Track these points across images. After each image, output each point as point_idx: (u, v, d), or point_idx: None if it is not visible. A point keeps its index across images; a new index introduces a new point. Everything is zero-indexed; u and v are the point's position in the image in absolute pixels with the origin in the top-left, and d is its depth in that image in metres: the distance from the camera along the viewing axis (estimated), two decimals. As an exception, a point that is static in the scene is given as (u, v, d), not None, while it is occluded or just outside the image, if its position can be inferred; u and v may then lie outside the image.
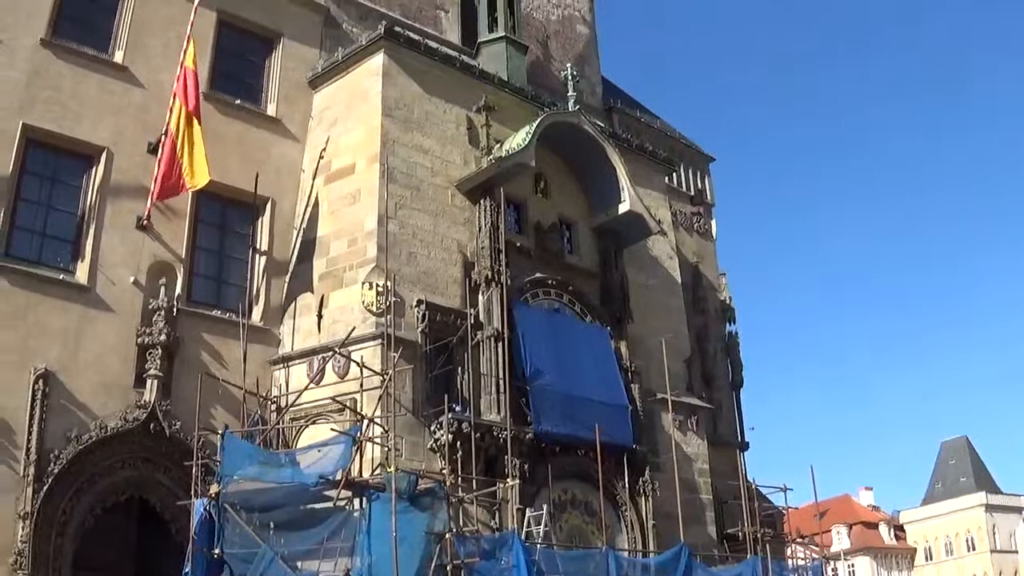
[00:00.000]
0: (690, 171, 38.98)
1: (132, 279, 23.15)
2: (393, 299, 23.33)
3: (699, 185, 39.18)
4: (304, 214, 26.09)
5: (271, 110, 27.27)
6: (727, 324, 36.65)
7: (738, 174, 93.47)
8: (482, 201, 25.97)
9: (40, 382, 20.93)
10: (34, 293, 21.80)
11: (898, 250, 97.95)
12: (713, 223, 38.72)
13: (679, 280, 32.45)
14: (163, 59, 25.30)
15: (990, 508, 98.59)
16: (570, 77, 29.75)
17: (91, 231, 23.18)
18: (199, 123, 23.31)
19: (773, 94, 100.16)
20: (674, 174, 36.31)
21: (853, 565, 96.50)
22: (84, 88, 24.13)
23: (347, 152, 26.00)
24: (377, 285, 23.57)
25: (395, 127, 25.81)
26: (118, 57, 25.12)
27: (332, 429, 20.18)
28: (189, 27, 24.67)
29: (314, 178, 26.37)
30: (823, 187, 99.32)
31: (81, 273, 22.78)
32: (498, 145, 26.84)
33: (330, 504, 18.40)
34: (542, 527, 22.65)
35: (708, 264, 36.98)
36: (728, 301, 37.13)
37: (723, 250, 38.44)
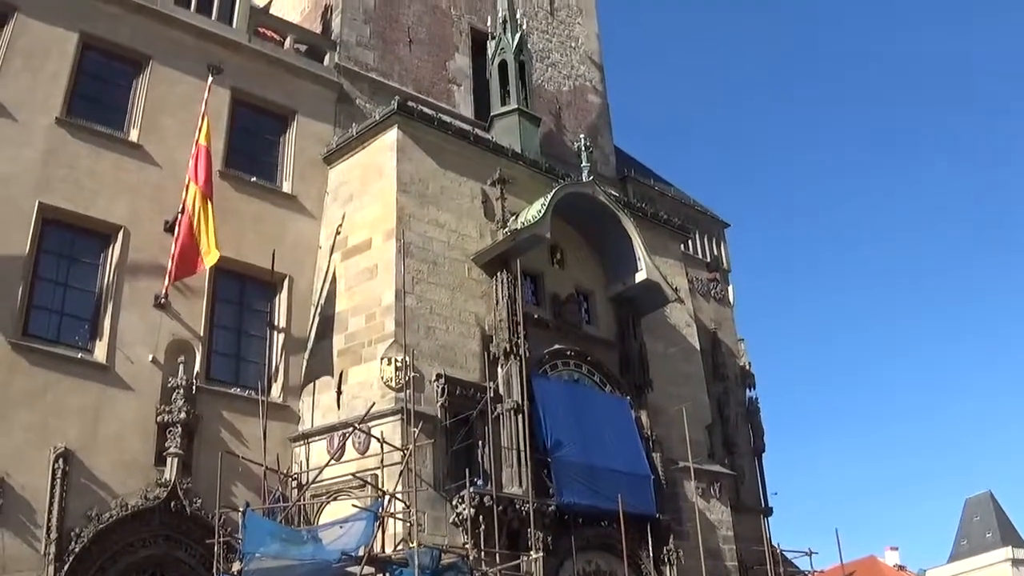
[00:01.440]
0: (705, 238, 39.00)
1: (151, 357, 23.18)
2: (412, 374, 23.35)
3: (715, 251, 39.18)
4: (321, 290, 26.16)
5: (287, 187, 27.45)
6: (747, 390, 36.53)
7: (754, 239, 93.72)
8: (499, 274, 26.01)
9: (60, 461, 20.95)
10: (53, 372, 21.85)
11: (915, 308, 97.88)
12: (730, 289, 38.69)
13: (698, 347, 32.37)
14: (178, 137, 25.49)
15: (1016, 563, 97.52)
16: (583, 148, 29.91)
17: (109, 309, 23.26)
18: (211, 200, 23.48)
19: (787, 158, 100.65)
20: (690, 241, 36.37)
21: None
22: (100, 167, 24.36)
23: (363, 228, 26.11)
24: (396, 360, 23.57)
25: (410, 202, 25.94)
26: (133, 136, 25.37)
27: (353, 505, 20.19)
28: (203, 105, 24.96)
29: (331, 254, 26.46)
30: (840, 249, 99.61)
31: (100, 352, 22.83)
32: (513, 218, 26.95)
33: (353, 581, 18.38)
34: (567, 600, 22.55)
35: (726, 330, 36.93)
36: (747, 367, 37.03)
37: (741, 315, 38.38)
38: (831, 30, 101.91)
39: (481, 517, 22.49)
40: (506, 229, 26.55)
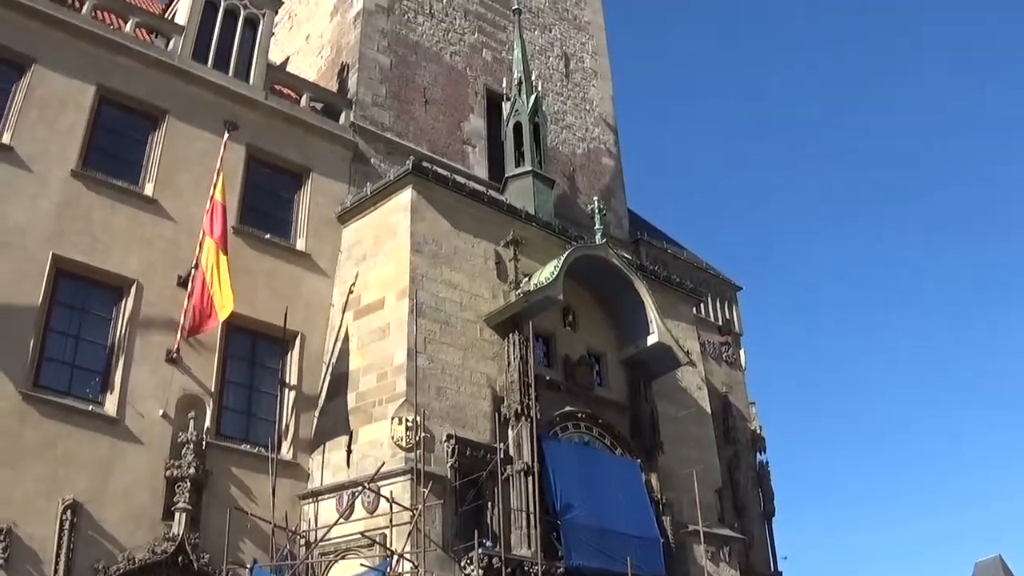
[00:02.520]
0: (718, 301, 39.03)
1: (161, 412, 23.16)
2: (423, 434, 23.31)
3: (727, 315, 39.19)
4: (333, 349, 26.15)
5: (300, 245, 27.50)
6: (757, 454, 36.42)
7: (767, 303, 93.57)
8: (511, 335, 25.96)
9: (68, 512, 20.92)
10: (64, 424, 21.84)
11: (928, 375, 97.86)
12: (742, 352, 38.66)
13: (709, 411, 32.25)
14: (193, 192, 25.66)
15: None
16: (596, 210, 29.95)
17: (120, 363, 23.25)
18: (226, 256, 23.56)
19: (801, 223, 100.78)
20: (702, 304, 36.37)
21: None
22: (114, 220, 24.46)
23: (376, 287, 26.14)
24: (407, 420, 23.51)
25: (424, 262, 25.98)
26: (148, 190, 25.48)
27: (362, 564, 20.17)
28: (219, 161, 25.18)
29: (343, 313, 26.47)
30: (853, 314, 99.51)
31: (110, 405, 22.80)
32: (526, 279, 26.94)
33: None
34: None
35: (738, 393, 36.87)
36: (758, 430, 36.93)
37: (752, 379, 38.31)
38: (849, 98, 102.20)
39: (490, 579, 22.36)
40: (519, 291, 26.54)
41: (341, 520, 22.44)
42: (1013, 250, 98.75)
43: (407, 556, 20.22)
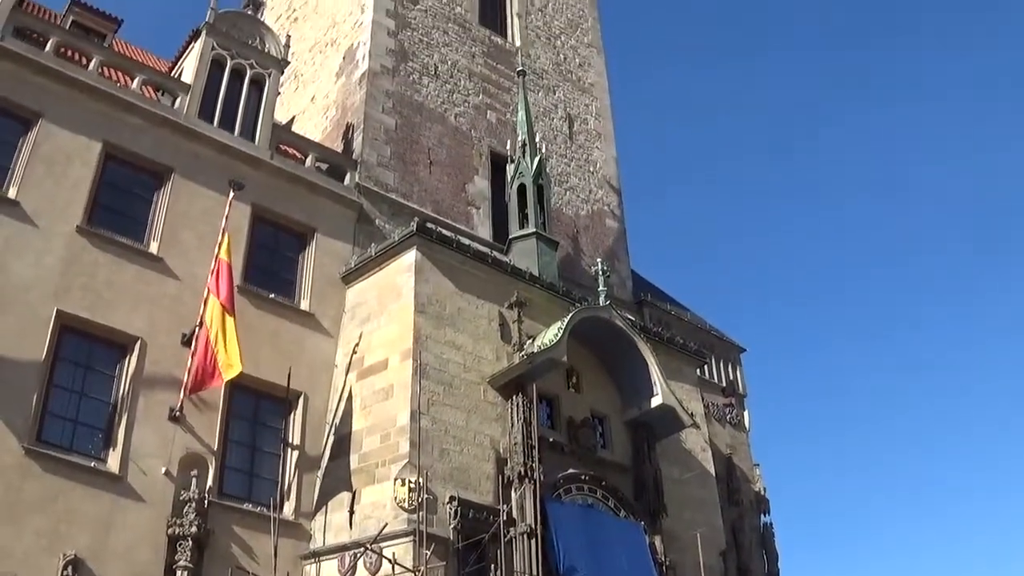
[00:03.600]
0: (721, 362, 38.99)
1: (164, 470, 23.11)
2: (425, 496, 23.15)
3: (731, 376, 39.15)
4: (337, 409, 26.10)
5: (305, 305, 27.53)
6: (761, 515, 36.25)
7: (770, 364, 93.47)
8: (514, 397, 25.92)
9: (69, 568, 20.90)
10: (66, 479, 21.80)
11: (934, 439, 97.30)
12: (746, 414, 38.58)
13: (713, 472, 32.13)
14: (198, 251, 25.77)
15: None
16: (600, 272, 29.92)
17: (123, 420, 23.23)
18: (232, 316, 23.58)
19: (805, 285, 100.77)
20: (705, 366, 36.35)
21: None
22: (119, 277, 24.54)
23: (380, 348, 26.12)
24: (409, 481, 23.40)
25: (427, 323, 25.98)
26: (153, 248, 25.58)
27: (364, 626, 20.01)
28: (224, 220, 25.30)
29: (347, 373, 26.44)
30: (856, 376, 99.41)
31: (113, 462, 22.75)
32: (530, 341, 26.91)
33: None
34: None
35: (741, 455, 36.75)
36: (762, 492, 36.78)
37: (756, 440, 38.23)
38: (852, 160, 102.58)
39: (492, 642, 22.22)
40: (523, 352, 26.52)
41: (343, 581, 22.33)
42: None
43: (410, 618, 20.12)
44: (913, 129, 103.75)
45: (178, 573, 22.13)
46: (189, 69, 29.50)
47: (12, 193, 23.95)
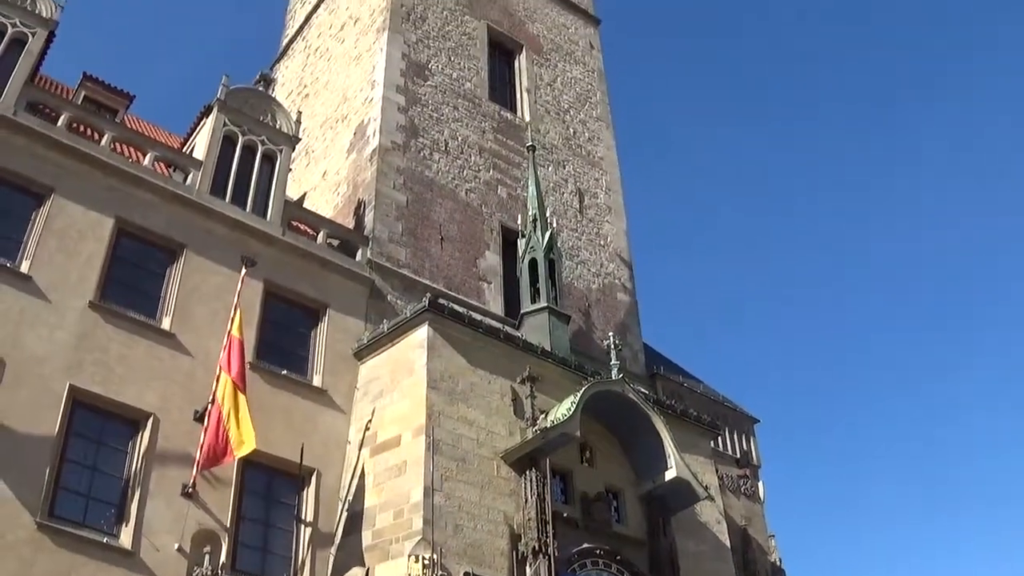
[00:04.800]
0: (735, 433, 38.80)
1: (176, 546, 22.88)
2: (439, 572, 22.96)
3: (745, 447, 38.95)
4: (350, 486, 25.96)
5: (317, 381, 27.46)
6: (777, 586, 36.01)
7: (785, 434, 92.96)
8: (528, 472, 25.78)
9: (81, 644, 20.69)
10: (78, 554, 21.60)
11: (952, 508, 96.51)
12: (760, 485, 38.34)
13: (728, 545, 31.85)
14: (210, 327, 25.77)
15: None
16: (612, 346, 29.89)
17: (136, 496, 23.07)
18: (244, 392, 23.55)
19: (818, 355, 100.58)
20: (719, 437, 36.20)
21: None
22: (131, 352, 24.52)
23: (393, 424, 26.04)
24: (423, 558, 23.21)
25: (440, 399, 25.93)
26: (165, 324, 25.58)
27: None
28: (236, 296, 25.33)
29: (360, 449, 26.33)
30: (872, 445, 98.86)
31: (125, 537, 22.57)
32: (543, 416, 26.79)
33: None
34: None
35: (757, 526, 36.49)
36: (778, 563, 36.50)
37: (771, 511, 37.97)
38: (862, 228, 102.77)
39: None
40: (535, 427, 26.41)
41: (358, 659, 22.16)
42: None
43: None
44: (921, 197, 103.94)
45: (192, 649, 22.00)
46: (201, 145, 29.69)
47: (25, 267, 24.05)
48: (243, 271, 26.18)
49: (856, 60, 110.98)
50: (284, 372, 26.92)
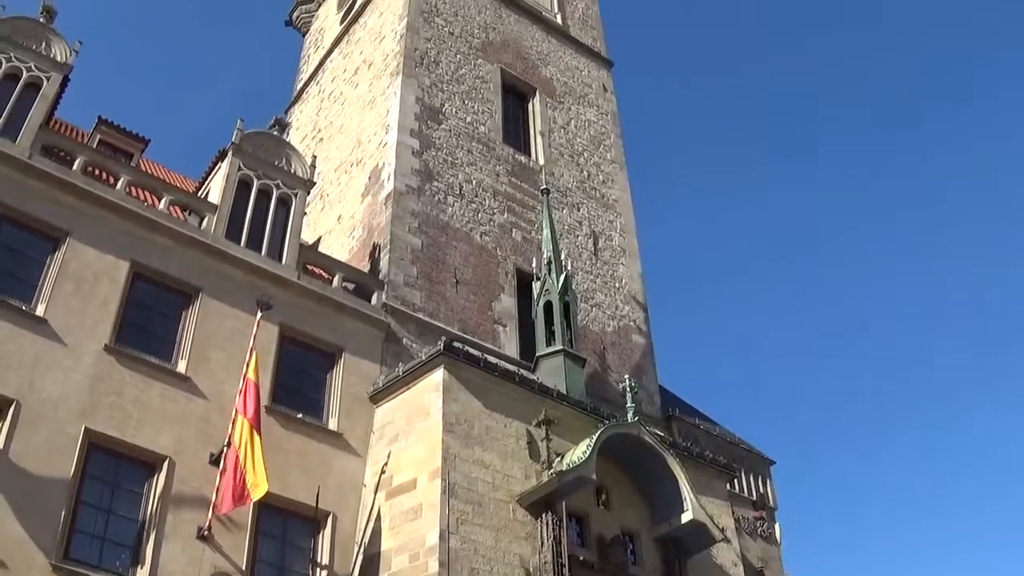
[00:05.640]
0: (751, 475, 38.67)
1: (192, 589, 22.92)
2: (456, 616, 22.97)
3: (761, 489, 38.80)
4: (365, 529, 25.88)
5: (332, 424, 27.44)
6: (794, 630, 35.81)
7: (801, 476, 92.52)
8: (544, 515, 25.68)
9: None
10: (93, 596, 21.63)
11: (969, 549, 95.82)
12: (777, 527, 38.16)
13: (745, 587, 31.81)
14: (226, 371, 25.82)
15: None
16: (628, 388, 29.81)
17: (151, 538, 23.04)
18: (259, 434, 23.53)
19: (834, 397, 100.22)
20: (735, 479, 36.05)
21: None
22: (147, 396, 24.54)
23: (408, 467, 25.98)
24: (439, 602, 23.22)
25: (456, 443, 25.87)
26: (181, 367, 25.61)
27: None
28: (252, 340, 25.29)
29: (375, 493, 26.25)
30: (889, 486, 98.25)
31: (141, 580, 22.63)
32: (559, 459, 26.73)
33: None
34: None
35: (773, 569, 36.27)
36: (794, 606, 36.36)
37: (788, 553, 37.75)
38: (876, 268, 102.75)
39: None
40: (551, 470, 26.34)
41: None
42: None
43: None
44: (939, 235, 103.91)
45: None
46: (216, 189, 29.81)
47: (40, 311, 24.14)
48: (258, 315, 26.18)
49: (867, 100, 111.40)
50: (300, 415, 26.89)
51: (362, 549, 25.67)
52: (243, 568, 24.00)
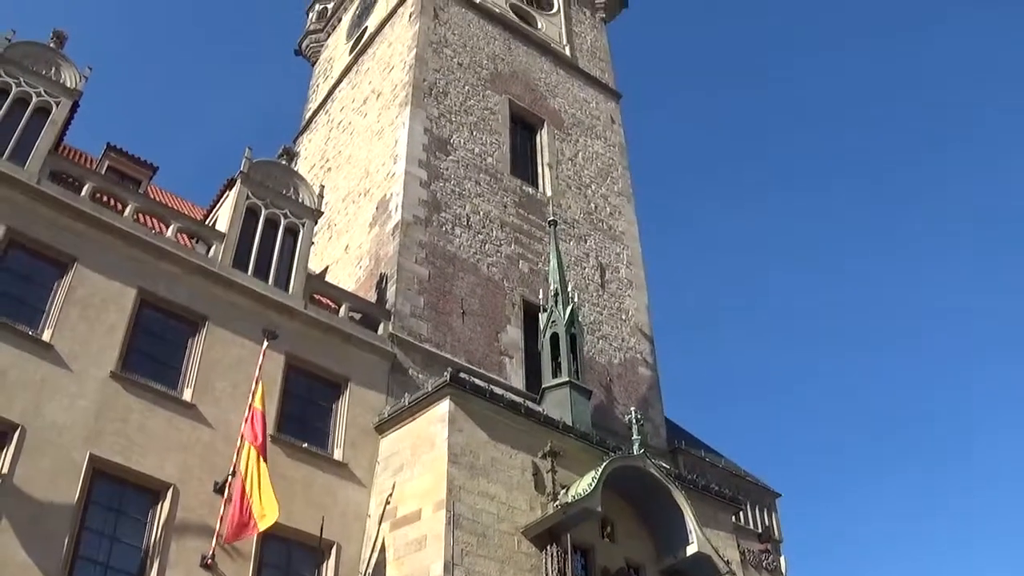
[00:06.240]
0: (756, 508, 38.58)
1: (194, 617, 22.78)
2: (460, 647, 22.86)
3: (766, 522, 38.70)
4: (370, 559, 25.72)
5: (338, 454, 27.36)
6: (798, 664, 35.64)
7: (806, 508, 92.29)
8: (549, 547, 25.53)
9: None
10: (97, 623, 21.54)
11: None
12: (782, 560, 38.01)
13: (750, 621, 31.67)
14: (231, 399, 25.80)
15: None
16: (634, 420, 29.73)
17: (155, 566, 22.96)
18: (266, 463, 23.46)
19: (840, 430, 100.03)
20: (740, 512, 35.92)
21: None
22: (152, 423, 24.50)
23: (413, 498, 25.87)
24: (443, 633, 23.13)
25: (461, 474, 25.78)
26: (186, 395, 25.57)
27: None
28: (257, 369, 25.30)
29: (380, 523, 26.11)
30: (894, 519, 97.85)
31: (143, 608, 22.51)
32: (564, 490, 26.62)
33: None
34: None
35: (778, 602, 36.21)
36: (800, 639, 36.20)
37: (793, 585, 37.62)
38: (881, 302, 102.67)
39: None
40: (557, 502, 26.24)
41: None
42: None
43: None
44: (939, 263, 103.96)
45: None
46: (224, 217, 29.83)
47: (47, 336, 24.13)
48: (265, 344, 26.19)
49: (878, 132, 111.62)
50: (305, 445, 26.83)
51: (366, 579, 25.61)
52: (247, 597, 23.95)
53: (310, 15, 58.01)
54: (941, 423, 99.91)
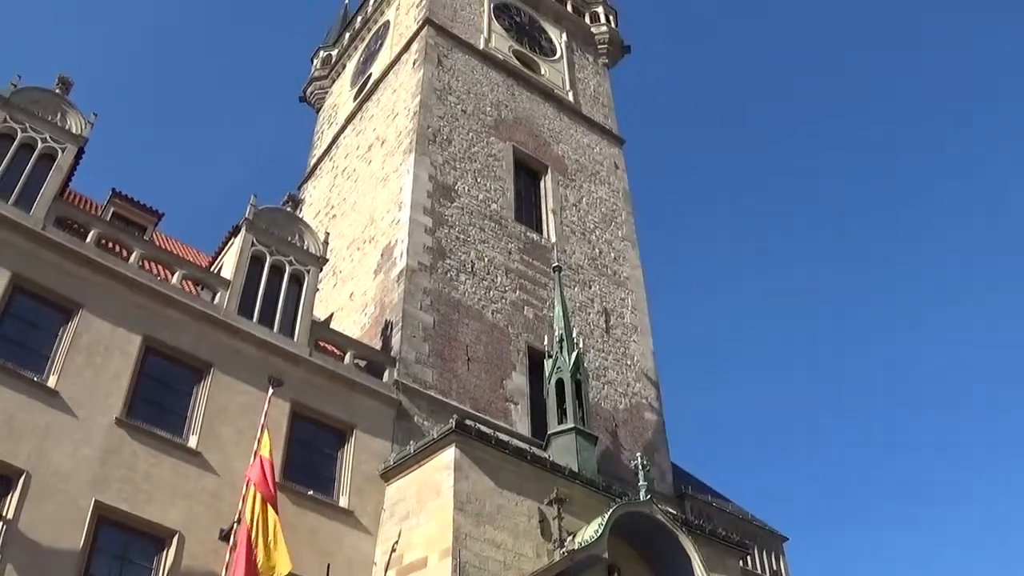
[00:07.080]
0: (764, 552, 38.46)
1: (200, 666, 22.65)
2: None
3: (774, 566, 38.57)
4: (375, 607, 25.70)
5: (343, 502, 27.25)
6: None
7: (813, 552, 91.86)
8: (556, 594, 25.46)
9: None
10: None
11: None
12: (789, 603, 37.97)
13: (757, 666, 31.47)
14: (236, 446, 25.75)
15: None
16: (640, 466, 29.61)
17: (161, 614, 22.85)
18: (276, 512, 23.33)
19: (846, 472, 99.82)
20: (748, 556, 35.74)
21: None
22: (157, 470, 24.47)
23: (419, 546, 25.71)
24: None
25: (467, 521, 25.64)
26: (192, 442, 25.54)
27: None
28: (263, 416, 25.16)
29: (386, 571, 25.97)
30: (900, 562, 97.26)
31: (150, 652, 22.34)
32: (570, 537, 26.44)
33: None
34: None
35: (786, 647, 36.05)
36: None
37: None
38: (884, 343, 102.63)
39: None
40: (563, 549, 26.08)
41: None
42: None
43: None
44: (945, 309, 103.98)
45: None
46: (229, 264, 29.86)
47: (52, 382, 24.13)
48: (270, 391, 26.12)
49: (881, 176, 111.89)
50: (310, 492, 26.74)
51: (372, 628, 25.47)
52: (253, 646, 23.78)
53: (315, 62, 58.31)
54: (952, 465, 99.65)
